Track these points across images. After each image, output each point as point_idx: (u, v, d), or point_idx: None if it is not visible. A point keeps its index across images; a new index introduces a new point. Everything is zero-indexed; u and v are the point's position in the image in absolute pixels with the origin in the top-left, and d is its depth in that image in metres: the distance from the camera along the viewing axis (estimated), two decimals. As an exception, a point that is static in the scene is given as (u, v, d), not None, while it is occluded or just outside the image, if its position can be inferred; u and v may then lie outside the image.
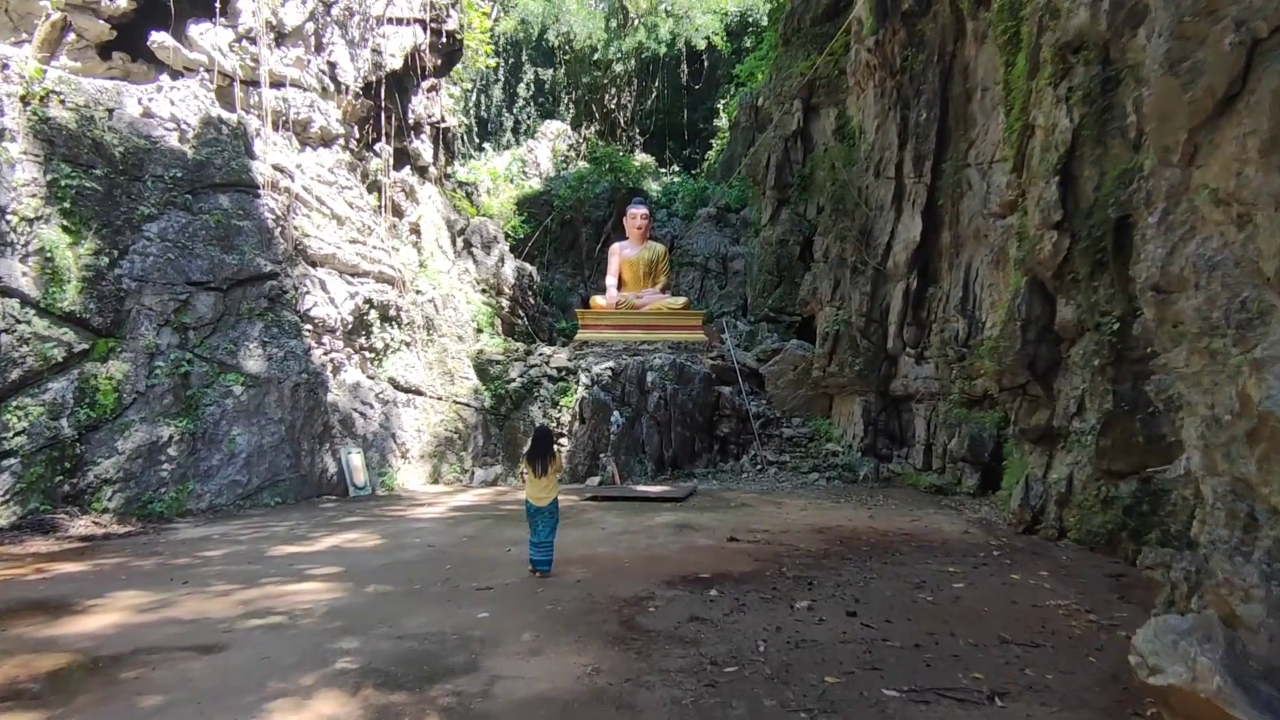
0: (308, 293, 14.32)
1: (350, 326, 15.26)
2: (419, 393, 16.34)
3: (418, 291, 17.43)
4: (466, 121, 33.95)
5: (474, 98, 36.03)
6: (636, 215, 21.87)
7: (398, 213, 18.44)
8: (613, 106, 38.40)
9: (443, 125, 20.73)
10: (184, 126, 13.53)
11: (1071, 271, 9.61)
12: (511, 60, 38.26)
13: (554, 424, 16.88)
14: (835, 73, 21.67)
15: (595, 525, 10.71)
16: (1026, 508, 10.01)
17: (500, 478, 16.29)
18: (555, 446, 8.72)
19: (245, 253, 13.40)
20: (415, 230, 18.71)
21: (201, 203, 13.41)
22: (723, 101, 36.15)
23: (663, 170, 32.71)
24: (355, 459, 14.65)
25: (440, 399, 16.59)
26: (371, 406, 15.33)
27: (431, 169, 20.08)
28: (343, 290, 15.13)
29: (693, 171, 34.78)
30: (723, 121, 35.00)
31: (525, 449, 8.42)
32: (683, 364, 17.56)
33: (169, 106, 13.50)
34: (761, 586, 6.88)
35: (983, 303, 15.54)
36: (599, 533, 10.07)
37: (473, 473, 16.28)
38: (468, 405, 16.78)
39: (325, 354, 14.56)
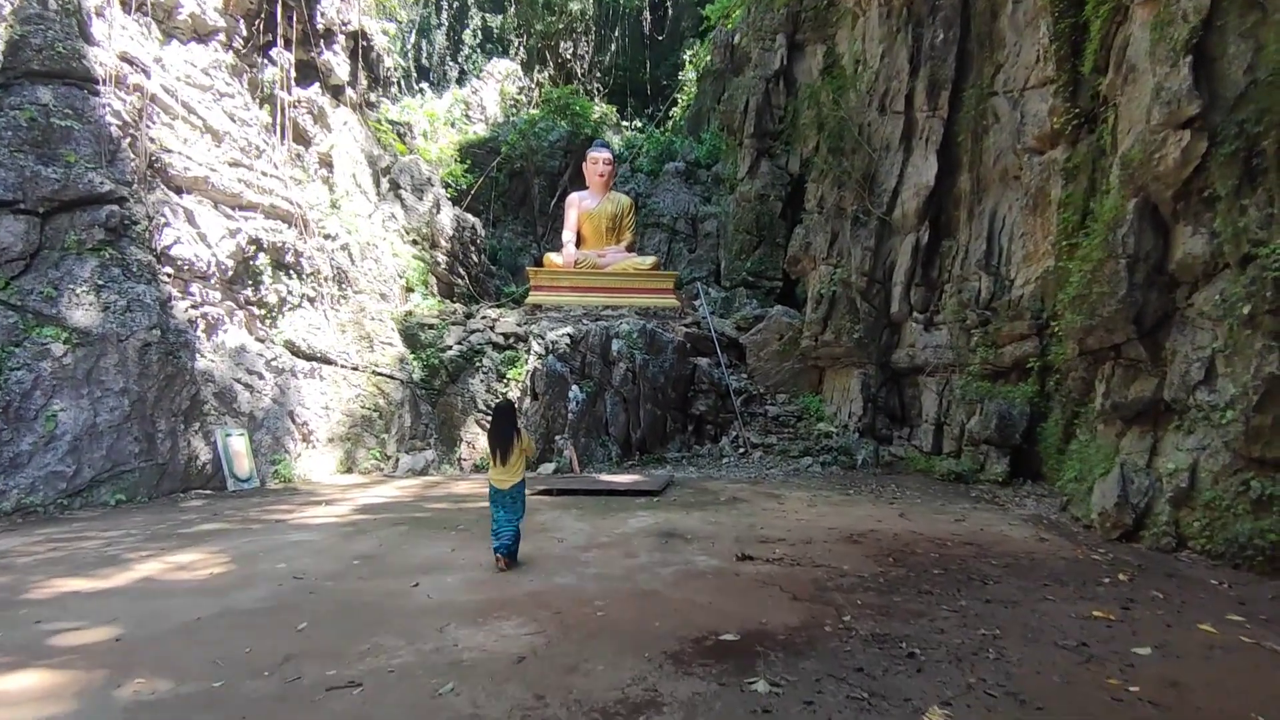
0: (167, 225, 10.89)
1: (231, 273, 11.87)
2: (327, 361, 13.07)
3: (326, 236, 14.08)
4: (404, 64, 30.12)
5: (411, 39, 32.15)
6: (599, 160, 18.80)
7: (302, 139, 14.97)
8: (569, 56, 34.97)
9: (364, 39, 17.21)
10: (-14, -8, 9.91)
11: (1206, 187, 7.07)
12: (456, 3, 34.40)
13: (500, 399, 13.84)
14: (824, 3, 18.96)
15: (550, 533, 7.82)
16: (1126, 508, 7.52)
17: (432, 465, 13.21)
18: (521, 424, 7.31)
19: (74, 165, 9.90)
20: (326, 163, 15.28)
21: (11, 96, 9.84)
22: (689, 53, 33.12)
23: (625, 124, 29.57)
24: (237, 443, 11.38)
25: (356, 369, 13.36)
26: (261, 377, 12.03)
27: (349, 91, 16.60)
28: (219, 225, 11.72)
29: (658, 128, 31.75)
30: (689, 76, 32.00)
31: (488, 430, 7.10)
32: (654, 331, 14.71)
33: (-36, -37, 9.86)
34: (832, 661, 4.11)
35: (1012, 257, 13.09)
36: (555, 548, 7.18)
37: (397, 460, 13.15)
38: (391, 377, 13.60)
39: (194, 307, 11.18)
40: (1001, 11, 13.50)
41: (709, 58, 26.10)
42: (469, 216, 18.59)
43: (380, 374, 13.49)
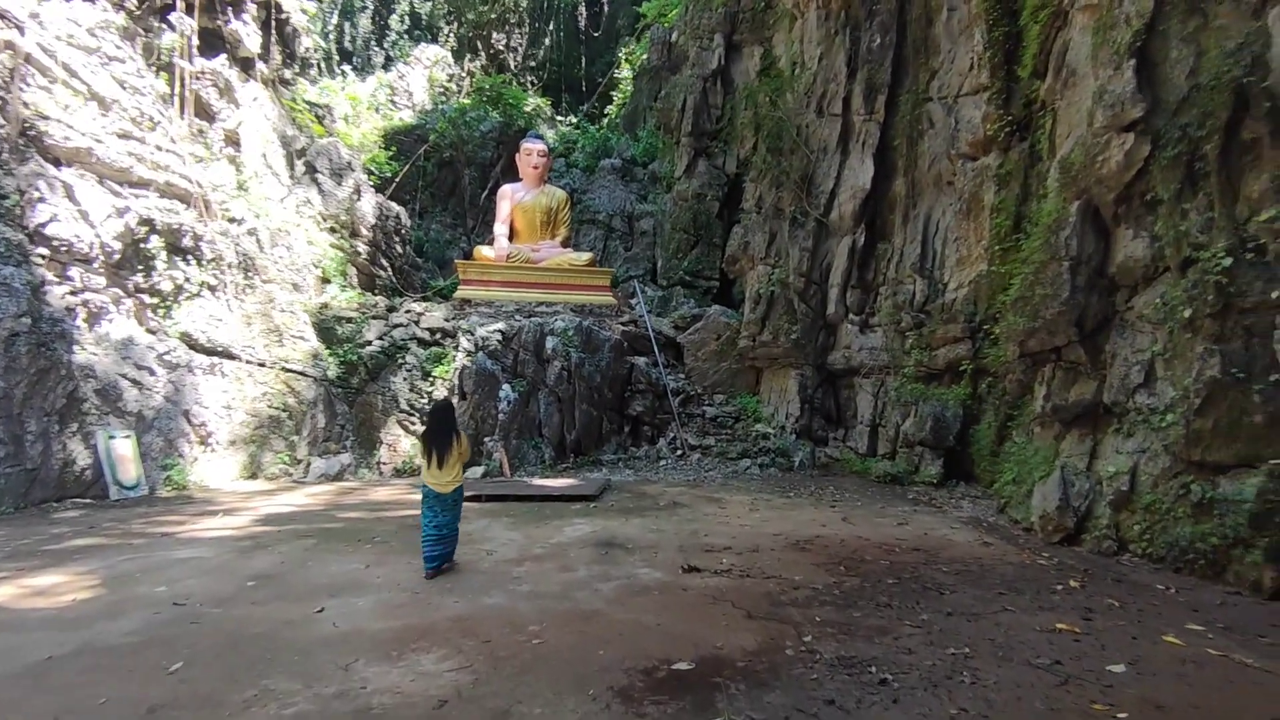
0: (42, 200, 9.60)
1: (118, 257, 10.62)
2: (229, 355, 11.91)
3: (231, 219, 12.87)
4: (325, 45, 28.46)
5: (333, 19, 30.49)
6: (533, 151, 18.08)
7: (206, 114, 13.68)
8: (502, 47, 33.97)
9: (278, 11, 15.96)
10: None
11: (1148, 191, 7.10)
12: (383, -15, 32.84)
13: (425, 399, 13.00)
14: (761, 5, 18.89)
15: (478, 545, 7.16)
16: (1068, 511, 7.49)
17: (348, 470, 12.23)
18: (459, 425, 6.94)
19: (-79, 126, 8.56)
20: (232, 140, 14.02)
21: None
22: (625, 51, 32.73)
23: (559, 118, 28.85)
24: (121, 446, 10.17)
25: (262, 365, 12.24)
26: (152, 372, 10.81)
27: (260, 65, 15.32)
28: (105, 203, 10.45)
29: (593, 125, 31.17)
30: (625, 74, 31.58)
31: (424, 431, 6.73)
32: (590, 329, 14.15)
33: None
34: (799, 693, 3.68)
35: (946, 260, 13.21)
36: (484, 561, 6.54)
37: (308, 464, 12.10)
38: (303, 374, 12.54)
39: (73, 293, 9.91)
40: (936, 18, 13.62)
41: (646, 55, 25.76)
42: (393, 205, 17.53)
43: (291, 370, 12.41)
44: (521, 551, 6.89)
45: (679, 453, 13.64)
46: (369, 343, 13.30)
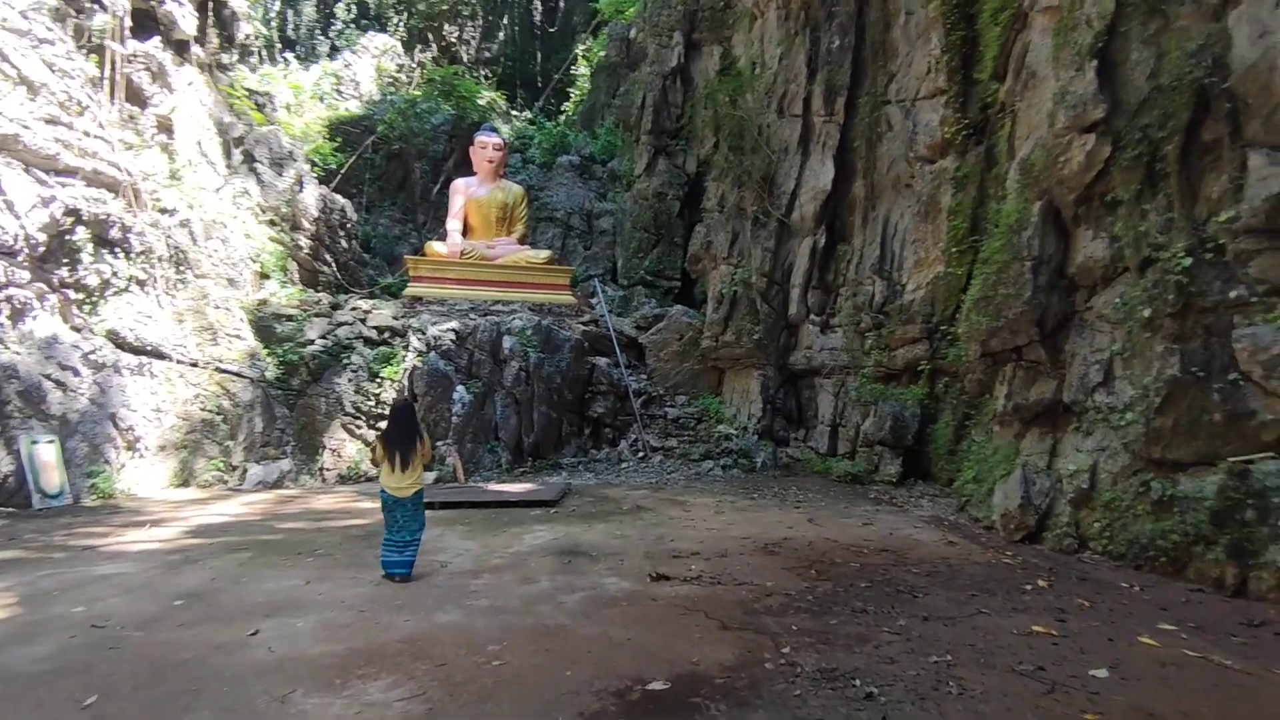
0: (-53, 184, 8.78)
1: (42, 249, 9.81)
2: (159, 355, 11.15)
3: (163, 210, 12.08)
4: (267, 33, 27.30)
5: (275, 6, 29.31)
6: (488, 144, 17.58)
7: (137, 99, 12.82)
8: (454, 40, 33.19)
9: (216, -9, 15.12)
10: None
11: (1108, 191, 7.15)
12: (329, -28, 31.70)
13: (373, 401, 12.42)
14: (721, 3, 18.81)
15: (432, 556, 6.75)
16: (1029, 509, 7.49)
17: (288, 477, 11.58)
18: (422, 427, 6.66)
19: None
20: (165, 127, 13.17)
21: None
22: (582, 47, 32.36)
23: (514, 113, 28.30)
24: (45, 452, 9.41)
25: (195, 365, 11.50)
26: (77, 373, 10.03)
27: (196, 49, 14.46)
28: (29, 192, 9.64)
29: (550, 121, 30.67)
30: (582, 71, 31.20)
31: (382, 431, 6.49)
32: (550, 328, 13.77)
33: None
34: (784, 712, 3.44)
35: (904, 262, 13.28)
36: (438, 575, 6.14)
37: (245, 471, 11.41)
38: (240, 375, 11.83)
39: (-16, 287, 9.10)
40: (894, 22, 13.70)
41: (604, 52, 25.46)
42: (338, 198, 16.80)
43: (226, 371, 11.69)
44: (478, 562, 6.52)
45: (641, 455, 13.38)
46: (311, 342, 12.65)
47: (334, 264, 15.96)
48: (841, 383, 13.80)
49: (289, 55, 25.18)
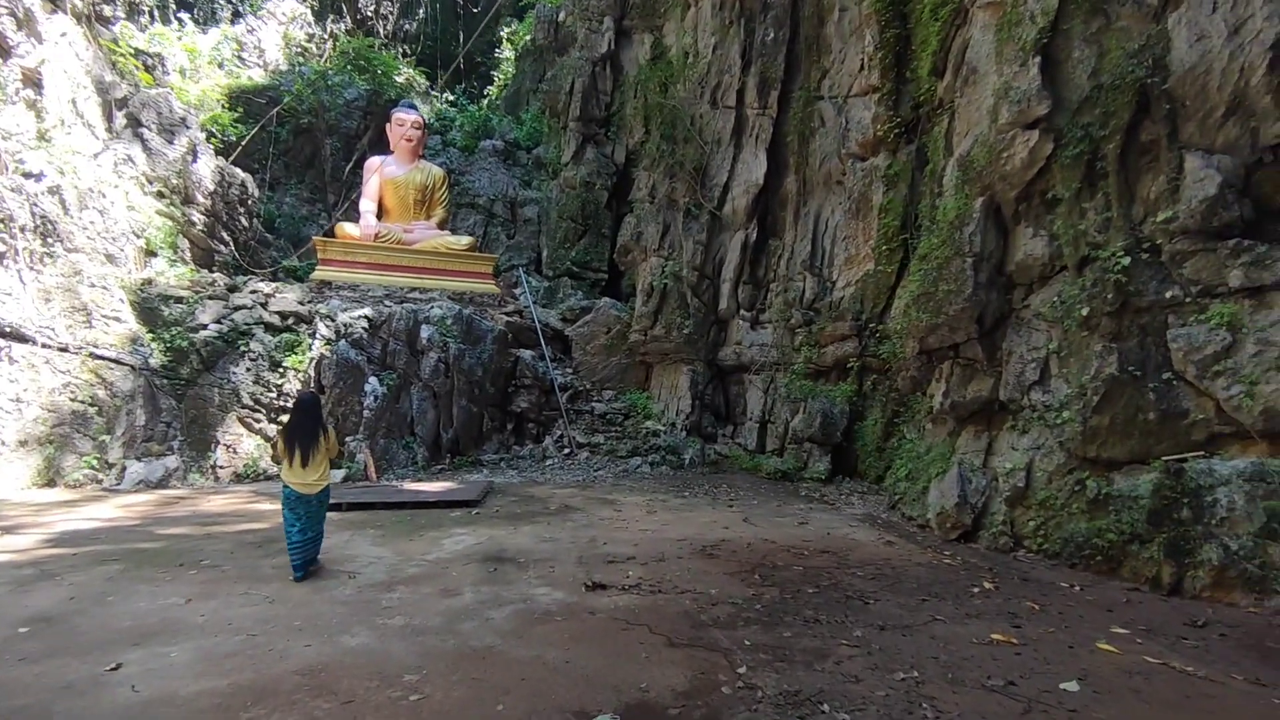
0: None
1: None
2: (20, 338, 9.75)
3: (27, 174, 10.59)
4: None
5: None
6: (406, 122, 16.52)
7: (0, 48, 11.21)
8: (370, 13, 31.42)
9: (95, -69, 13.45)
10: None
11: (1048, 189, 7.16)
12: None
13: (274, 393, 11.33)
14: (654, -9, 18.43)
15: (338, 565, 6.01)
16: (966, 508, 7.45)
17: (174, 475, 10.39)
18: (327, 421, 6.40)
19: None
20: (32, 81, 11.59)
21: None
22: (508, 31, 31.30)
23: (434, 93, 27.02)
24: None
25: (65, 350, 10.13)
26: (-94, 357, 8.56)
27: (70, -6, 12.83)
28: None
29: (473, 104, 29.48)
30: (507, 54, 30.17)
31: (285, 424, 6.04)
32: (471, 318, 12.99)
33: None
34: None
35: (835, 259, 13.29)
36: (344, 588, 5.43)
37: (123, 469, 10.15)
38: (118, 362, 10.52)
39: None
40: (828, 18, 13.67)
41: (529, 36, 24.65)
42: (238, 172, 15.37)
43: (102, 357, 10.36)
44: (392, 572, 5.84)
45: (567, 451, 12.83)
46: (204, 326, 11.41)
47: (232, 243, 14.59)
48: (771, 379, 13.69)
49: (184, 16, 23.03)
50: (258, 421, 11.16)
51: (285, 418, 11.12)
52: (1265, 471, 5.38)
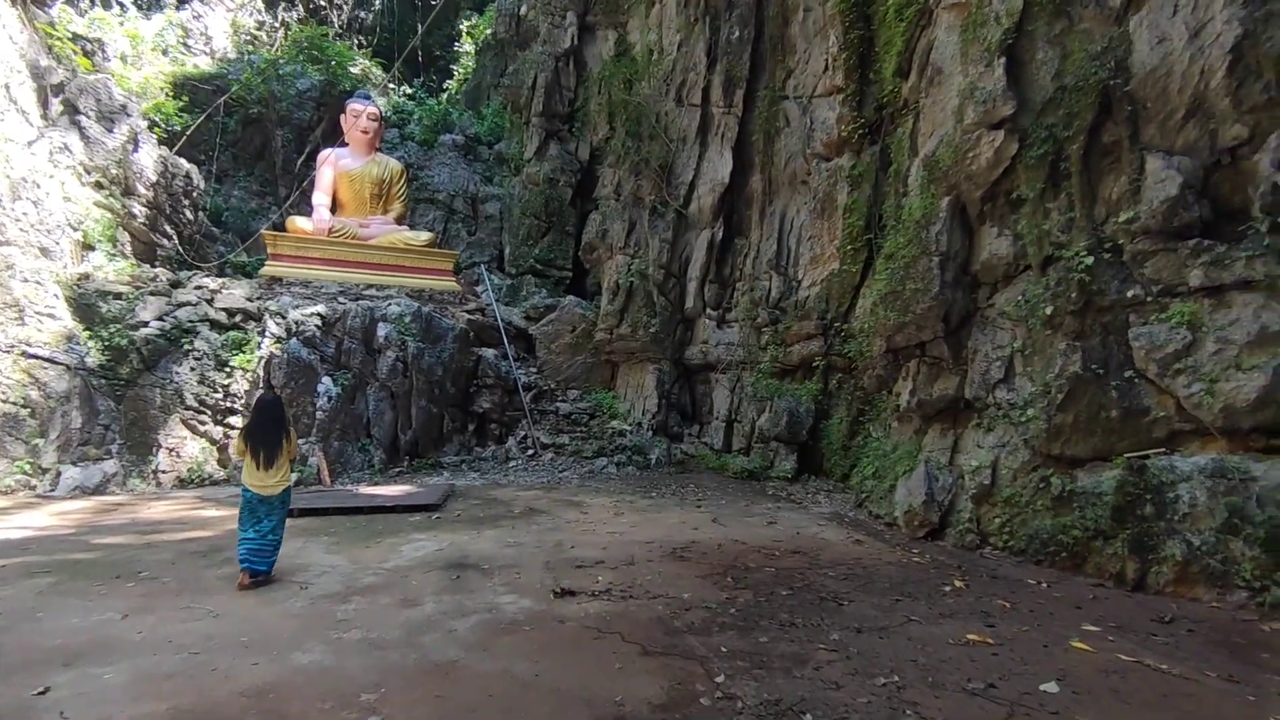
0: None
1: None
2: (-62, 335, 9.09)
3: (-53, 158, 9.91)
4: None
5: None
6: (363, 113, 16.02)
7: (-88, 19, 10.45)
8: (324, 3, 30.53)
9: (25, -96, 12.67)
10: None
11: (1013, 189, 7.21)
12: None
13: (220, 394, 10.82)
14: (618, -12, 18.28)
15: (290, 576, 5.70)
16: (933, 506, 7.47)
17: (113, 481, 9.83)
18: (289, 424, 6.09)
19: None
20: (-46, 58, 10.85)
21: None
22: (467, 25, 30.75)
23: (391, 86, 26.35)
24: None
25: (-10, 348, 9.49)
26: None
27: (-1, -30, 12.05)
28: None
29: (431, 99, 28.84)
30: (467, 48, 29.62)
31: (245, 425, 5.98)
32: (431, 316, 12.63)
33: None
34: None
35: (800, 258, 13.31)
36: (296, 600, 5.13)
37: (58, 474, 9.57)
38: (52, 361, 9.91)
39: None
40: (793, 18, 13.69)
41: (490, 30, 24.24)
42: (182, 163, 14.68)
43: (35, 356, 9.75)
44: (348, 582, 5.55)
45: (530, 452, 12.57)
46: (145, 324, 10.84)
47: (176, 236, 13.94)
48: (737, 378, 13.65)
49: (126, 1, 21.99)
50: (202, 424, 10.64)
51: (242, 419, 10.64)
52: (1225, 468, 5.47)
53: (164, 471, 10.30)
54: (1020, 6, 7.01)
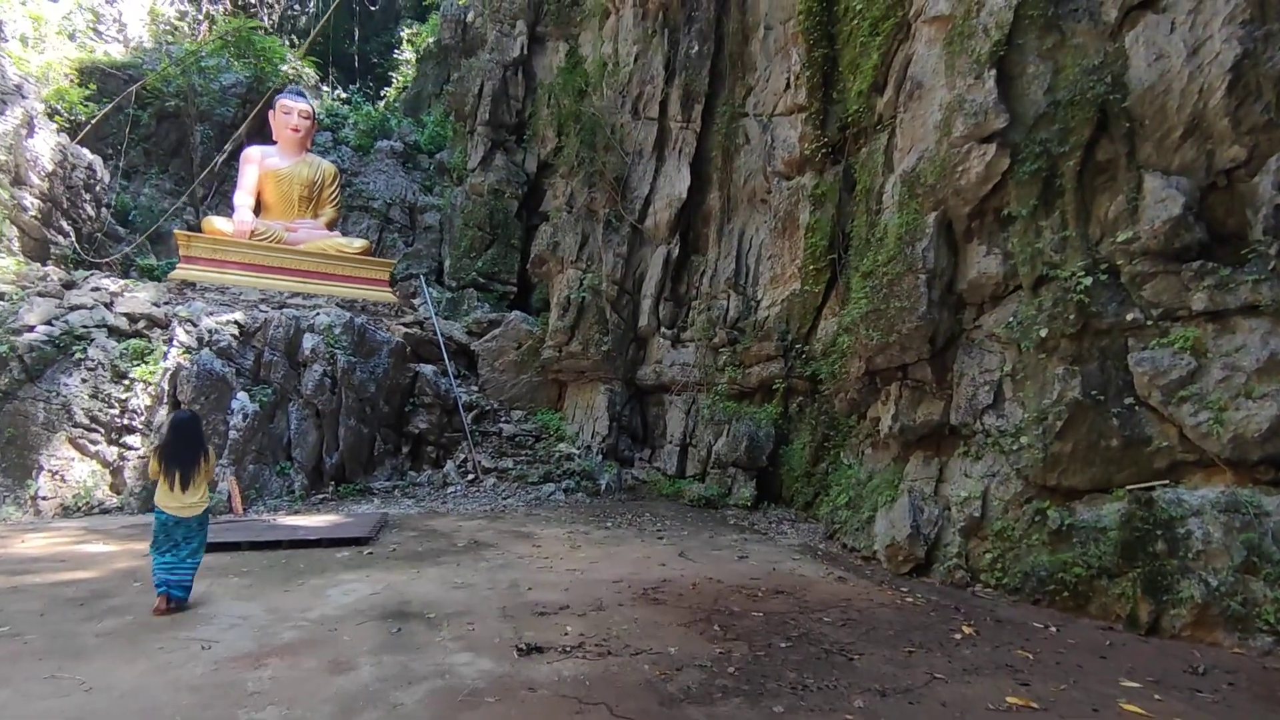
0: None
1: None
2: None
3: None
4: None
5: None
6: (294, 110, 14.82)
7: None
8: (255, 1, 28.94)
9: None
10: None
11: (1003, 206, 6.91)
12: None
13: (116, 409, 9.45)
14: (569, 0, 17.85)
15: (188, 629, 4.65)
16: (919, 540, 6.99)
17: (-24, 511, 8.34)
18: (207, 443, 5.72)
19: None
20: None
21: None
22: (408, 32, 29.71)
23: (325, 89, 25.04)
24: None
25: None
26: None
27: None
28: None
29: (368, 104, 27.57)
30: (408, 56, 28.56)
31: (159, 444, 5.80)
32: (364, 328, 11.54)
33: None
34: None
35: (759, 278, 12.90)
36: (197, 662, 4.12)
37: (-98, 504, 8.02)
38: (-97, 369, 8.38)
39: None
40: (753, 35, 13.47)
41: (433, 37, 23.37)
42: (85, 153, 13.17)
43: (-120, 363, 8.22)
44: (262, 638, 4.55)
45: (471, 477, 11.57)
46: (29, 328, 9.40)
47: (74, 233, 12.42)
48: (693, 400, 13.06)
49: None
50: (94, 443, 9.25)
51: (142, 438, 9.31)
52: (1239, 502, 5.17)
53: (45, 498, 8.85)
54: (1010, 19, 6.77)
